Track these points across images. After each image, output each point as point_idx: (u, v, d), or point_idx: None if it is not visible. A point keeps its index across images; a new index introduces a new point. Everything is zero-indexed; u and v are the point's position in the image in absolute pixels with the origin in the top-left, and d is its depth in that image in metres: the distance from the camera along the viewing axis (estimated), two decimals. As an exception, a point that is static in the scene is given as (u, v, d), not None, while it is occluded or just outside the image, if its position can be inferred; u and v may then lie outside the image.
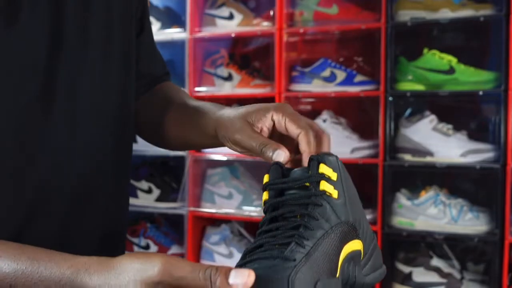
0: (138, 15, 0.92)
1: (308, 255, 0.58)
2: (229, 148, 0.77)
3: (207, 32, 2.44)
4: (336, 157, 0.67)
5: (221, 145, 0.80)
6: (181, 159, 2.47)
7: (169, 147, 0.97)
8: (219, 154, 2.40)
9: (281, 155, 0.70)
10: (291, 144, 0.75)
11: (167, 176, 2.59)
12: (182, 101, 0.92)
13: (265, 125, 0.74)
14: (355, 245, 0.65)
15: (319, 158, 0.65)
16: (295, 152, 0.75)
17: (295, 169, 0.67)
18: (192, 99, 0.92)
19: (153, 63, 0.99)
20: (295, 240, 0.59)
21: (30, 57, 0.72)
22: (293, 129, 0.72)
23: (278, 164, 0.68)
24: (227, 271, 0.54)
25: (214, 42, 2.52)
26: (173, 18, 2.56)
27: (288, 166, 0.71)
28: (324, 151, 0.70)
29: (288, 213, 0.63)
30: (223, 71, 2.46)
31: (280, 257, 0.58)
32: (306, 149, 0.72)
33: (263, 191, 0.68)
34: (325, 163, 0.65)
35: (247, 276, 0.53)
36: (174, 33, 2.48)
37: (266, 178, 0.68)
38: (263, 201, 0.68)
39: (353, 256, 0.65)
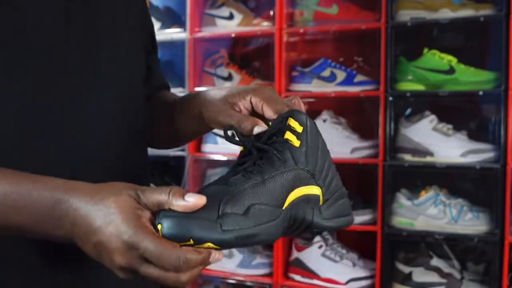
0: (149, 30, 0.98)
1: (252, 185, 0.68)
2: (215, 128, 0.84)
3: (207, 32, 2.44)
4: (306, 115, 0.75)
5: (207, 128, 0.86)
6: (181, 159, 2.47)
7: (168, 146, 1.04)
8: (219, 154, 2.40)
9: (261, 129, 0.75)
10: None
11: (167, 176, 2.59)
12: (174, 98, 0.97)
13: (244, 106, 0.80)
14: (312, 190, 0.73)
15: (288, 113, 0.75)
16: None
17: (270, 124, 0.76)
18: (185, 95, 0.96)
19: (160, 77, 1.05)
20: (242, 172, 0.69)
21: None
22: (269, 114, 0.78)
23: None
24: (184, 192, 0.65)
25: (214, 42, 2.52)
26: (173, 18, 2.56)
27: None
28: (294, 109, 0.76)
29: (250, 159, 0.71)
30: (223, 71, 2.46)
31: (225, 183, 0.68)
32: None
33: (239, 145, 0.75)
34: (293, 117, 0.74)
35: (199, 198, 0.64)
36: (174, 33, 2.48)
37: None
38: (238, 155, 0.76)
39: (309, 199, 0.73)
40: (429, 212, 2.09)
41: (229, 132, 0.75)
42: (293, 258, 2.28)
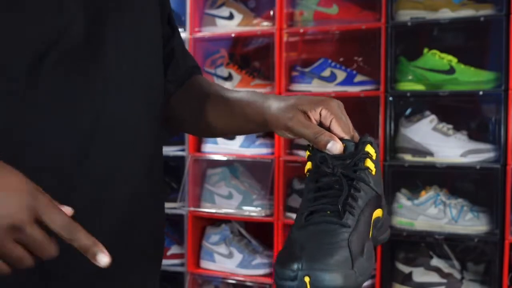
0: (165, 18, 0.97)
1: (357, 222, 0.71)
2: (279, 134, 0.83)
3: (207, 32, 2.44)
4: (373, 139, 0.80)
5: (262, 131, 0.86)
6: (181, 159, 2.47)
7: (211, 136, 1.04)
8: (219, 154, 2.40)
9: (337, 146, 0.75)
10: None
11: (167, 176, 2.59)
12: (220, 93, 0.96)
13: (314, 117, 0.79)
14: (379, 212, 0.77)
15: (367, 139, 0.78)
16: None
17: (348, 142, 0.77)
18: (229, 90, 0.96)
19: (186, 56, 1.04)
20: (348, 209, 0.72)
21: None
22: (338, 131, 0.78)
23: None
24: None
25: (214, 42, 2.52)
26: (173, 18, 2.56)
27: None
28: (365, 134, 0.79)
29: (334, 183, 0.74)
30: (223, 71, 2.46)
31: (338, 223, 0.71)
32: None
33: (309, 160, 0.78)
34: (371, 145, 0.77)
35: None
36: (174, 33, 2.48)
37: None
38: (306, 170, 0.78)
39: (376, 222, 0.77)
40: (429, 212, 2.09)
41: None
42: (293, 258, 2.28)
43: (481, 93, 2.04)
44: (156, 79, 0.90)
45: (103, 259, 0.62)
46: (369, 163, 0.76)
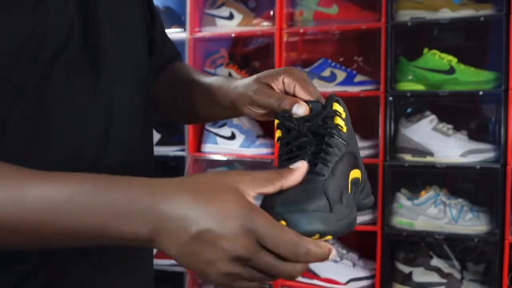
0: (146, 4, 0.98)
1: (332, 172, 0.69)
2: (247, 113, 0.82)
3: (207, 32, 2.44)
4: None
5: (236, 115, 0.87)
6: (181, 159, 2.47)
7: (200, 121, 1.02)
8: (219, 154, 2.40)
9: (301, 108, 0.74)
10: None
11: (167, 176, 2.58)
12: (193, 78, 0.96)
13: (277, 87, 0.79)
14: (356, 173, 0.75)
15: (334, 98, 0.76)
16: None
17: (313, 103, 0.76)
18: (202, 76, 0.96)
19: (167, 43, 1.05)
20: (321, 161, 0.70)
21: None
22: (302, 95, 0.77)
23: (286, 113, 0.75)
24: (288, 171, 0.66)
25: (214, 42, 2.52)
26: (173, 18, 2.56)
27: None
28: (332, 94, 0.78)
29: (304, 143, 0.72)
30: (223, 71, 2.46)
31: (312, 172, 0.68)
32: None
33: (277, 128, 0.76)
34: (338, 103, 0.76)
35: (301, 168, 0.66)
36: (174, 33, 2.48)
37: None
38: (276, 138, 0.76)
39: (355, 182, 0.74)
40: (429, 212, 2.09)
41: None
42: (293, 258, 2.28)
43: (481, 93, 2.04)
44: (148, 75, 0.90)
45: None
46: (339, 121, 0.74)
